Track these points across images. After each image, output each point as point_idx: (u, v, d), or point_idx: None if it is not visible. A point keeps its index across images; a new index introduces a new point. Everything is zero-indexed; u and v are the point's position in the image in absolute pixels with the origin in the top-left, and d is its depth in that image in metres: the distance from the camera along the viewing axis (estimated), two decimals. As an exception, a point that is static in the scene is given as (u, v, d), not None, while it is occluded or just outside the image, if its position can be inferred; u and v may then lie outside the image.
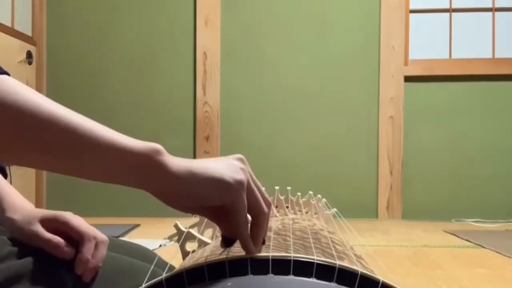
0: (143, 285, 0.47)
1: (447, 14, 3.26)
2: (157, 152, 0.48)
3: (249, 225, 0.52)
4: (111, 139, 0.48)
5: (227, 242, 0.54)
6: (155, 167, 0.48)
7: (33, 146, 0.46)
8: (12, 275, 0.63)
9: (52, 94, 3.24)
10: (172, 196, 0.50)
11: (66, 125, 0.46)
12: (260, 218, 0.52)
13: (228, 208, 0.50)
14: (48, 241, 0.67)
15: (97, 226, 0.73)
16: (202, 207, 0.52)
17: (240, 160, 0.52)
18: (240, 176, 0.50)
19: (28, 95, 0.46)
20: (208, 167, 0.50)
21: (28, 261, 0.65)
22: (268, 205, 0.53)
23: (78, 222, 0.70)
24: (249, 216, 0.52)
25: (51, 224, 0.69)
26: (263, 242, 0.53)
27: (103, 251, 0.70)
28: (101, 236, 0.71)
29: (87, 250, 0.68)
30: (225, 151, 3.22)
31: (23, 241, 0.69)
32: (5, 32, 2.86)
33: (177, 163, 0.49)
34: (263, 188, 0.54)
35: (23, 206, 0.72)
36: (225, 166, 0.50)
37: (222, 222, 0.53)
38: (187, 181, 0.49)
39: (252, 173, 0.53)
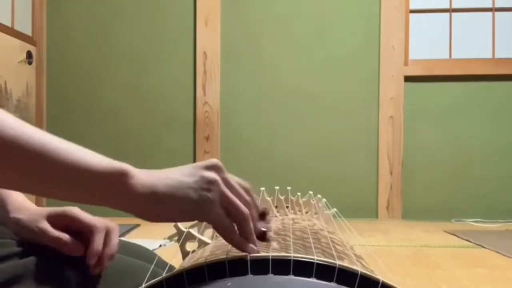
0: (143, 285, 0.47)
1: (447, 14, 3.26)
2: (123, 173, 0.48)
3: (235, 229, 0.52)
4: (79, 159, 0.48)
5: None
6: (119, 189, 0.48)
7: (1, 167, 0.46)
8: (13, 275, 0.62)
9: (52, 94, 3.24)
10: (141, 214, 0.50)
11: (33, 147, 0.46)
12: (242, 223, 0.52)
13: (205, 221, 0.51)
14: (58, 239, 0.66)
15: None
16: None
17: (212, 168, 0.51)
18: (208, 192, 0.49)
19: None
20: (174, 186, 0.49)
21: (30, 260, 0.65)
22: (249, 206, 0.53)
23: (86, 215, 0.70)
24: None
25: (59, 220, 0.68)
26: (265, 238, 0.53)
27: (115, 238, 0.70)
28: (111, 224, 0.71)
29: (98, 240, 0.67)
30: (225, 151, 3.22)
31: (29, 241, 0.68)
32: (5, 32, 2.86)
33: (143, 183, 0.49)
34: (241, 191, 0.53)
35: (26, 206, 0.71)
36: (192, 181, 0.50)
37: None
38: (151, 202, 0.49)
39: (228, 177, 0.52)
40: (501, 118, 3.17)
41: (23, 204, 0.72)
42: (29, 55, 3.09)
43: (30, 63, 3.11)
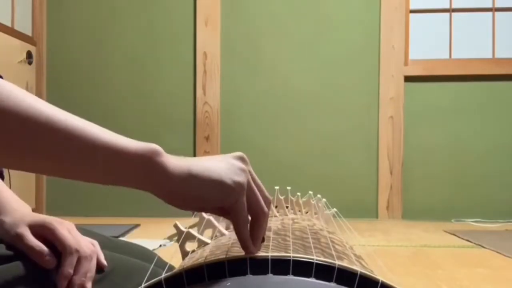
0: (143, 285, 0.47)
1: (447, 14, 3.26)
2: (156, 152, 0.48)
3: (248, 224, 0.52)
4: (110, 140, 0.47)
5: None
6: (154, 168, 0.48)
7: (29, 150, 0.45)
8: (1, 280, 0.62)
9: (52, 94, 3.23)
10: (173, 196, 0.49)
11: (65, 129, 0.46)
12: (260, 218, 0.52)
13: (228, 208, 0.50)
14: (32, 248, 0.64)
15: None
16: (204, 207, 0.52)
17: (241, 159, 0.52)
18: (240, 178, 0.50)
19: (24, 98, 0.45)
20: (208, 168, 0.50)
21: (16, 265, 0.64)
22: (268, 204, 0.53)
23: (64, 232, 0.67)
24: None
25: (38, 230, 0.66)
26: (263, 240, 0.53)
27: (86, 266, 0.66)
28: (86, 250, 0.67)
29: (69, 264, 0.65)
30: (225, 151, 3.21)
31: (11, 244, 0.66)
32: (5, 32, 2.86)
33: (177, 163, 0.49)
34: (263, 187, 0.54)
35: (17, 208, 0.69)
36: (225, 167, 0.50)
37: (227, 217, 0.53)
38: (186, 182, 0.48)
39: (252, 171, 0.53)
40: (501, 118, 3.17)
41: (13, 207, 0.69)
42: (29, 55, 3.09)
43: (30, 63, 3.11)
